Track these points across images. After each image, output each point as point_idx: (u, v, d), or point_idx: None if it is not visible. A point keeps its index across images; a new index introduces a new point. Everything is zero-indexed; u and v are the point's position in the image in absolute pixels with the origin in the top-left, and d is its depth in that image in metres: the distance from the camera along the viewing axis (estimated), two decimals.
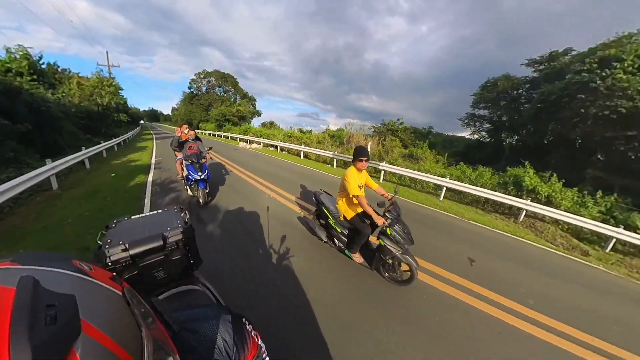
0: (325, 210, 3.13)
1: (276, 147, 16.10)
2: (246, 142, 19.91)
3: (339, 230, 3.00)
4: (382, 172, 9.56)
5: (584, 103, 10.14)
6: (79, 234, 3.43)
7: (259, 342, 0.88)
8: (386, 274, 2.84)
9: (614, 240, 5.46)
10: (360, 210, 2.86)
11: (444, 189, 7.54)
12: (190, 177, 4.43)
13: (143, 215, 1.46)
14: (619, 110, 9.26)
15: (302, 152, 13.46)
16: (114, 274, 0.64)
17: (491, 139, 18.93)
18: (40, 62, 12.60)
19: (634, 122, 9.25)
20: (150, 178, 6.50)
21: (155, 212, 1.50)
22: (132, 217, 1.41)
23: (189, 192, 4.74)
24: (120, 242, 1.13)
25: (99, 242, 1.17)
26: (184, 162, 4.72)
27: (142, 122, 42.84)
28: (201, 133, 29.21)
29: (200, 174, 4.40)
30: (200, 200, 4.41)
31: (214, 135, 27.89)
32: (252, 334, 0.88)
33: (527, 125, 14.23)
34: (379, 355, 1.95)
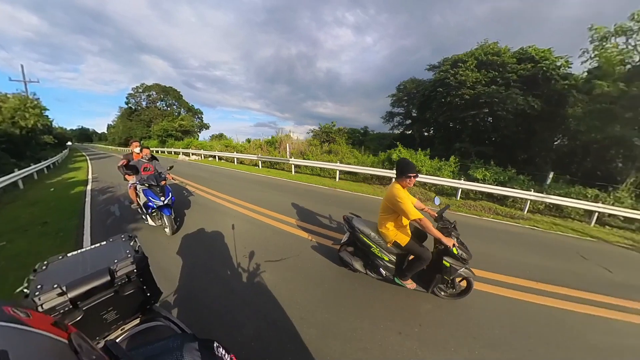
0: (365, 239, 2.77)
1: (214, 157, 18.14)
2: (188, 155, 21.37)
3: (386, 258, 2.70)
4: (292, 165, 12.41)
5: (443, 94, 14.76)
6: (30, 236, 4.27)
7: None
8: (443, 293, 2.75)
9: (460, 189, 8.77)
10: (409, 232, 2.68)
11: (338, 172, 10.60)
12: (150, 203, 3.87)
13: (82, 250, 1.26)
14: (465, 97, 13.83)
15: (235, 159, 15.82)
16: (58, 318, 0.57)
17: (408, 131, 23.56)
18: None
19: (474, 105, 13.79)
20: (89, 187, 8.12)
21: (98, 244, 1.32)
22: (69, 254, 1.22)
23: (150, 222, 4.15)
24: (55, 286, 0.95)
25: (24, 290, 0.96)
26: (138, 187, 4.18)
27: (69, 143, 39.63)
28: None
29: (162, 198, 3.92)
30: (167, 230, 3.94)
31: (157, 151, 28.30)
32: (227, 358, 0.85)
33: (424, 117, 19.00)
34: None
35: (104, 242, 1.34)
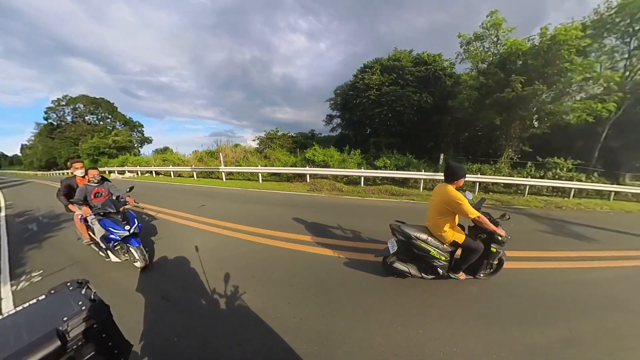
0: (422, 244, 2.89)
1: (151, 172, 18.26)
2: (123, 173, 20.93)
3: (442, 258, 2.88)
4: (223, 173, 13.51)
5: (354, 96, 17.50)
6: None
7: None
8: (482, 274, 3.13)
9: (362, 177, 10.61)
10: (460, 229, 2.92)
11: (260, 174, 11.96)
12: (112, 236, 3.29)
13: (12, 312, 0.96)
14: (371, 97, 16.42)
15: (171, 172, 16.30)
16: None
17: (345, 131, 25.98)
18: None
19: (379, 104, 16.44)
20: (3, 213, 7.68)
21: (35, 300, 1.03)
22: None
23: (113, 258, 3.53)
24: None
25: None
26: (90, 218, 3.52)
27: None
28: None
29: (127, 227, 3.37)
30: (138, 264, 3.39)
31: None
32: None
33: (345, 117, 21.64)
34: None
35: (43, 297, 1.05)
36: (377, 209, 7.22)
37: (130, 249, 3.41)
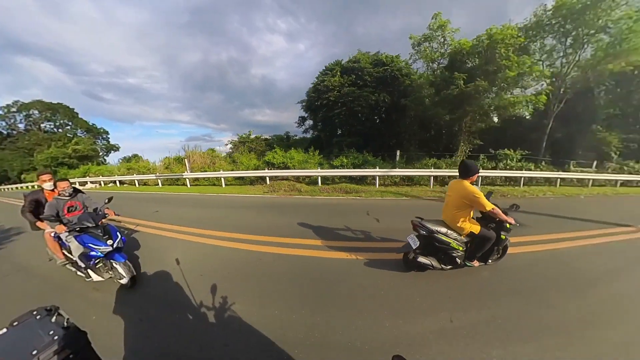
0: (443, 237, 3.12)
1: (115, 182, 17.84)
2: (84, 184, 20.22)
3: (461, 249, 3.14)
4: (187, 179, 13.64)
5: (315, 98, 18.68)
6: None
7: None
8: (490, 260, 3.39)
9: (320, 177, 11.19)
10: (475, 221, 3.21)
11: (223, 179, 12.23)
12: (93, 253, 3.08)
13: None
14: (331, 99, 17.40)
15: (136, 181, 16.08)
16: None
17: (319, 133, 26.75)
18: None
19: (339, 104, 17.40)
20: None
21: None
22: None
23: (94, 277, 3.29)
24: None
25: None
26: (64, 235, 3.24)
27: None
28: (26, 187, 25.83)
29: (110, 242, 3.18)
30: (125, 280, 3.17)
31: None
32: None
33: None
34: None
35: (4, 330, 0.92)
36: (325, 207, 7.82)
37: (115, 265, 3.19)
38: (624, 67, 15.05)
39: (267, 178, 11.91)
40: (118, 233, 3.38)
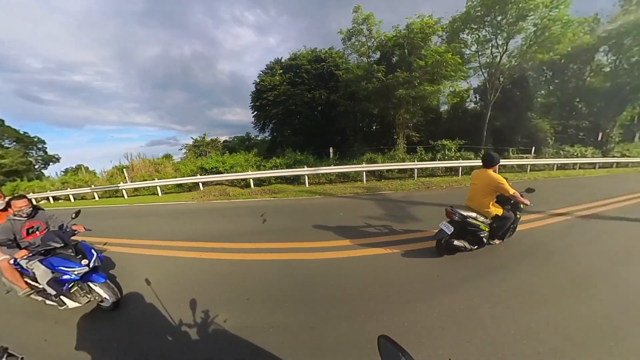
0: (474, 221, 3.63)
1: (48, 198, 17.11)
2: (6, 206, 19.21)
3: (487, 230, 3.67)
4: (124, 190, 13.44)
5: (256, 98, 19.30)
6: None
7: None
8: (505, 239, 3.98)
9: (252, 179, 11.44)
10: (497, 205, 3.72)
11: (159, 187, 12.22)
12: (66, 276, 2.80)
13: None
14: (269, 98, 18.00)
15: (70, 195, 15.58)
16: None
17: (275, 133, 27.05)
18: None
19: (277, 104, 17.90)
20: None
21: None
22: None
23: (71, 304, 2.99)
24: None
25: None
26: (25, 261, 2.90)
27: None
28: None
29: (85, 261, 2.91)
30: (107, 303, 2.99)
31: None
32: None
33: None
34: None
35: None
36: (235, 210, 8.29)
37: (94, 287, 2.95)
38: (552, 57, 16.36)
39: (200, 184, 12.00)
40: (93, 250, 3.10)
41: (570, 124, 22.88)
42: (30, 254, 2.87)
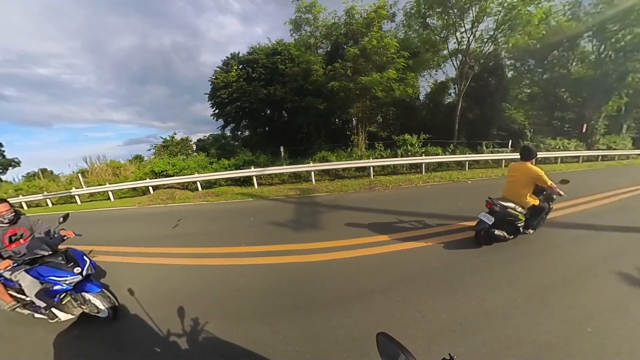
0: (513, 211, 3.87)
1: None
2: None
3: (523, 219, 3.94)
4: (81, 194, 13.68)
5: (211, 96, 19.30)
6: None
7: None
8: (538, 227, 4.25)
9: (199, 182, 11.51)
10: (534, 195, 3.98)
11: (110, 192, 12.38)
12: (57, 287, 2.68)
13: None
14: (222, 96, 17.94)
15: (23, 203, 15.72)
16: None
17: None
18: None
19: (231, 101, 17.77)
20: None
21: None
22: None
23: (62, 316, 2.89)
24: None
25: None
26: (8, 273, 2.81)
27: None
28: None
29: (77, 269, 2.77)
30: (103, 314, 2.91)
31: None
32: None
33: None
34: None
35: None
36: (167, 214, 8.36)
37: (88, 297, 2.82)
38: (528, 41, 15.88)
39: (150, 188, 12.13)
40: (85, 257, 2.95)
41: (555, 115, 22.59)
42: (15, 264, 2.70)
